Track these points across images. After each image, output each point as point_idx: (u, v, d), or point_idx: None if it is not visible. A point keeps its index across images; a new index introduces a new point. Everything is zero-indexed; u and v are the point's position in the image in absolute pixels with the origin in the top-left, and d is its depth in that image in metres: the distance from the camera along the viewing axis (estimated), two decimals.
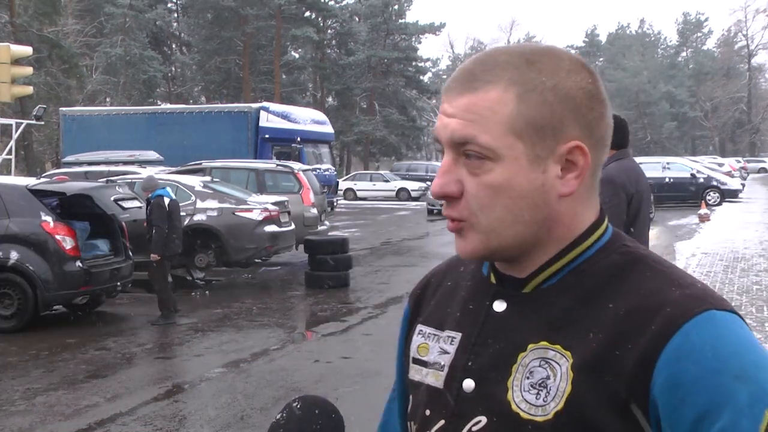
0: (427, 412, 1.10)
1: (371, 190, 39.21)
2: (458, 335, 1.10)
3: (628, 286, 1.00)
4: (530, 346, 1.02)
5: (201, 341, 8.88)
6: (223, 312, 10.54)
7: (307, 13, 55.49)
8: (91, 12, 46.94)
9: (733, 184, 31.77)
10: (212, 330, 9.44)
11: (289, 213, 13.54)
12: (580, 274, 1.04)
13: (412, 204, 35.33)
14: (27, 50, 16.52)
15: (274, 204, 13.02)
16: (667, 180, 29.29)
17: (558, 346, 1.00)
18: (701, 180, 30.24)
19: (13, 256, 9.39)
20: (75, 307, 10.38)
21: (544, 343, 1.01)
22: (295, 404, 1.11)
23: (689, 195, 29.40)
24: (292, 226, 13.45)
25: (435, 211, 27.96)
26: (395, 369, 1.28)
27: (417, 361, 1.16)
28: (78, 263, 9.53)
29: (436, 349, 1.13)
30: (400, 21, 58.50)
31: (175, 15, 61.31)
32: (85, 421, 6.11)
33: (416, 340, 1.18)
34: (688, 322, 0.94)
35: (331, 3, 57.60)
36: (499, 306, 1.07)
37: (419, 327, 1.18)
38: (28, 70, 17.00)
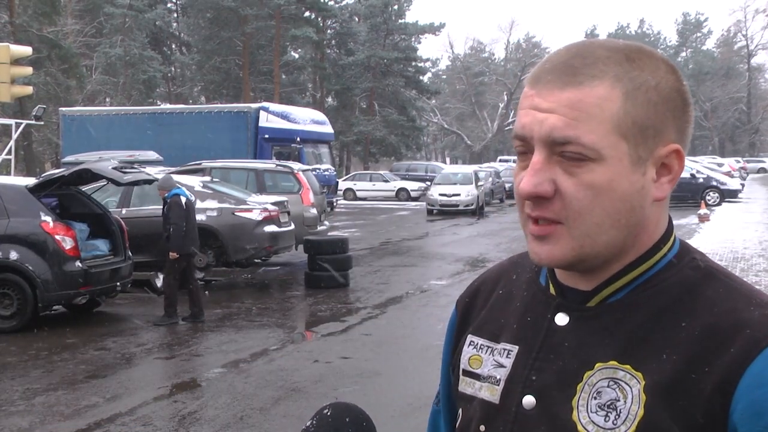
0: (482, 428, 1.05)
1: (371, 190, 39.21)
2: (515, 348, 1.05)
3: (703, 303, 0.96)
4: (598, 364, 0.97)
5: (200, 341, 8.88)
6: (223, 312, 10.54)
7: (307, 14, 55.43)
8: (91, 12, 46.91)
9: (733, 184, 31.79)
10: (212, 330, 9.44)
11: (288, 213, 13.54)
12: (650, 290, 0.99)
13: (412, 204, 35.33)
14: (27, 50, 16.51)
15: (273, 204, 13.01)
16: None
17: (628, 367, 0.95)
18: (701, 180, 30.25)
19: (13, 256, 9.39)
20: (74, 307, 10.38)
21: (613, 363, 0.96)
22: (326, 411, 1.08)
23: (689, 195, 29.41)
24: (292, 226, 13.45)
25: (434, 212, 27.99)
26: (441, 379, 1.22)
27: (468, 374, 1.10)
28: (77, 263, 9.52)
29: (491, 361, 1.07)
30: (399, 21, 58.47)
31: (175, 15, 61.28)
32: (85, 422, 6.10)
33: (467, 351, 1.12)
34: None
35: (331, 3, 57.56)
36: (562, 320, 1.02)
37: (470, 338, 1.12)
38: (28, 70, 16.99)
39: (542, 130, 0.95)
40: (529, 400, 1.01)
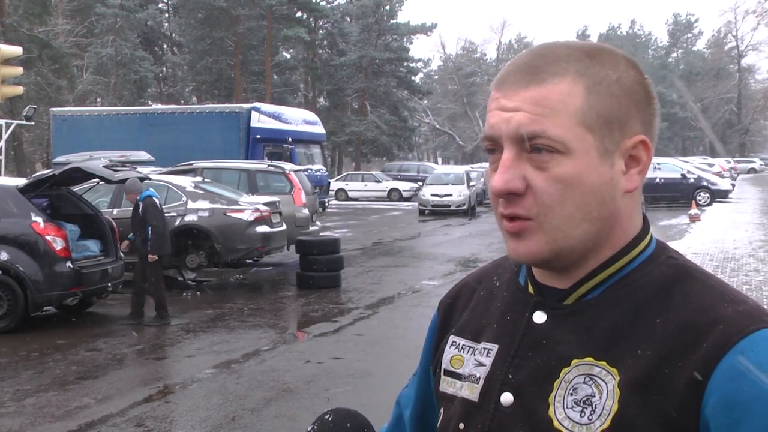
0: (461, 426, 1.07)
1: (363, 190, 39.21)
2: (495, 347, 1.07)
3: (678, 300, 0.97)
4: (574, 361, 0.99)
5: (192, 342, 8.86)
6: (215, 313, 10.52)
7: (299, 14, 55.39)
8: (82, 12, 46.76)
9: (724, 184, 31.91)
10: (203, 331, 9.42)
11: (280, 213, 13.53)
12: (627, 287, 1.01)
13: (404, 204, 35.35)
14: (17, 50, 16.46)
15: (265, 204, 13.00)
16: (657, 180, 29.38)
17: (604, 363, 0.97)
18: (692, 180, 30.37)
19: (3, 257, 9.35)
20: (65, 308, 10.34)
21: (589, 359, 0.98)
22: (327, 416, 1.09)
23: (680, 195, 29.52)
24: (284, 227, 13.43)
25: (426, 212, 28.00)
26: (416, 377, 1.24)
27: (450, 374, 1.12)
28: (68, 264, 9.49)
29: (472, 361, 1.09)
30: (391, 21, 58.48)
31: (166, 15, 61.13)
32: (76, 423, 6.08)
33: (449, 351, 1.14)
34: (742, 340, 0.91)
35: (323, 3, 57.53)
36: (540, 318, 1.04)
37: (452, 338, 1.14)
38: (18, 70, 16.94)
39: (509, 127, 0.98)
40: (507, 397, 1.02)
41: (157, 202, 9.82)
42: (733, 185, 36.03)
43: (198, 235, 12.60)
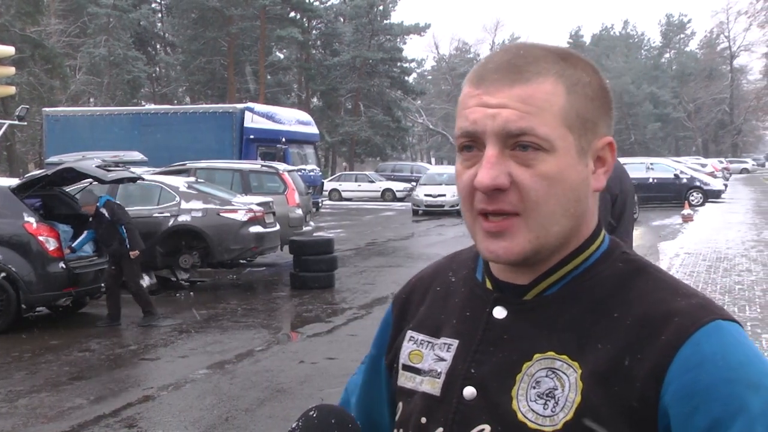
0: (423, 420, 1.08)
1: (356, 190, 39.19)
2: (455, 342, 1.09)
3: (634, 295, 1.01)
4: (536, 355, 1.01)
5: (185, 342, 8.85)
6: (208, 313, 10.50)
7: (292, 14, 55.36)
8: (75, 12, 46.62)
9: (716, 184, 32.01)
10: (197, 331, 9.40)
11: (274, 214, 13.51)
12: (585, 283, 1.04)
13: (398, 205, 35.35)
14: (9, 50, 16.41)
15: (259, 205, 12.98)
16: (650, 180, 29.46)
17: (565, 357, 0.99)
18: (684, 180, 30.45)
19: None
20: (58, 308, 10.31)
21: (550, 353, 1.00)
22: (311, 413, 1.09)
23: (673, 195, 29.59)
24: (277, 227, 13.42)
25: (420, 212, 28.01)
26: (364, 365, 1.26)
27: (409, 369, 1.13)
28: (61, 264, 9.47)
29: (431, 356, 1.11)
30: (385, 22, 58.46)
31: (160, 15, 60.99)
32: (69, 423, 6.07)
33: (407, 346, 1.15)
34: (697, 331, 0.94)
35: (316, 4, 57.49)
36: (500, 313, 1.06)
37: (410, 333, 1.16)
38: (11, 70, 16.88)
39: (495, 123, 0.99)
40: (469, 391, 1.04)
41: (117, 202, 9.85)
42: (726, 185, 36.17)
43: (191, 236, 12.58)
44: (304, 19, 56.76)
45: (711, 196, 30.66)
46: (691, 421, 0.91)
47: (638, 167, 28.71)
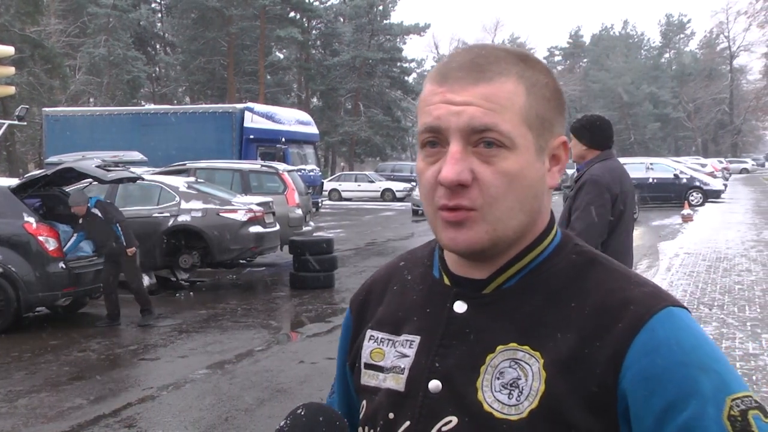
0: (391, 416, 1.10)
1: (356, 190, 39.19)
2: (417, 338, 1.11)
3: (590, 285, 1.05)
4: (499, 347, 1.04)
5: (185, 342, 8.84)
6: (208, 313, 10.50)
7: (292, 14, 55.38)
8: (74, 12, 46.63)
9: (716, 184, 32.00)
10: (197, 331, 9.40)
11: (273, 214, 13.51)
12: (541, 275, 1.07)
13: (397, 204, 35.34)
14: (9, 50, 16.40)
15: (258, 205, 12.98)
16: (650, 180, 29.46)
17: (527, 347, 1.03)
18: (684, 180, 30.44)
19: None
20: (58, 308, 10.31)
21: (513, 345, 1.03)
22: (299, 411, 1.10)
23: (672, 195, 29.59)
24: (277, 227, 13.42)
25: (420, 212, 27.98)
26: (336, 378, 1.28)
27: (371, 367, 1.16)
28: (61, 264, 9.46)
29: (393, 353, 1.13)
30: (384, 22, 58.49)
31: (159, 15, 61.00)
32: (68, 423, 6.06)
33: (368, 345, 1.18)
34: (652, 318, 0.99)
35: (316, 3, 57.52)
36: (460, 308, 1.09)
37: (370, 332, 1.18)
38: (11, 70, 16.87)
39: (460, 120, 1.02)
40: (434, 384, 1.06)
41: (108, 201, 9.91)
42: (726, 185, 36.15)
43: (191, 236, 12.57)
44: (304, 19, 56.79)
45: (711, 196, 30.66)
46: (648, 404, 0.95)
47: (638, 167, 28.71)
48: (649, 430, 0.96)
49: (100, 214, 9.57)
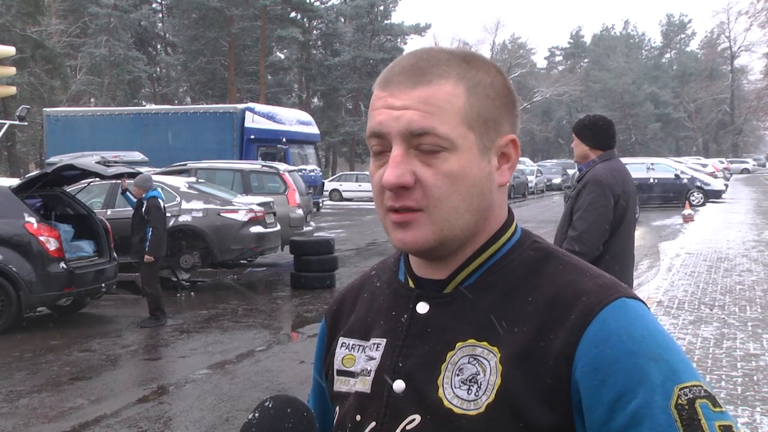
0: (358, 417, 1.12)
1: (357, 191, 39.16)
2: (383, 341, 1.13)
3: (545, 279, 1.06)
4: (458, 344, 1.06)
5: (186, 342, 8.85)
6: (209, 313, 10.50)
7: (293, 14, 55.37)
8: (75, 12, 46.65)
9: (717, 184, 31.99)
10: (197, 331, 9.40)
11: (274, 214, 13.51)
12: (498, 272, 1.09)
13: None
14: (10, 50, 16.42)
15: (259, 205, 12.98)
16: (651, 181, 29.45)
17: (485, 343, 1.04)
18: (685, 181, 30.44)
19: None
20: (59, 308, 10.31)
21: (471, 341, 1.05)
22: (267, 403, 1.11)
23: (673, 196, 29.59)
24: (278, 227, 13.42)
25: None
26: (312, 388, 1.31)
27: (343, 373, 1.18)
28: (62, 264, 9.46)
29: (363, 358, 1.16)
30: (385, 22, 58.48)
31: (160, 15, 61.01)
32: (69, 424, 6.06)
33: (340, 352, 1.20)
34: (603, 309, 1.00)
35: (317, 4, 57.51)
36: (423, 308, 1.11)
37: (342, 340, 1.21)
38: (11, 71, 16.90)
39: (399, 124, 1.04)
40: (399, 384, 1.09)
41: (161, 204, 9.76)
42: (727, 185, 36.14)
43: (192, 236, 12.58)
44: (305, 20, 56.78)
45: (712, 196, 30.65)
46: (599, 394, 0.96)
47: (639, 167, 28.69)
48: (601, 420, 0.96)
49: (143, 209, 9.60)
